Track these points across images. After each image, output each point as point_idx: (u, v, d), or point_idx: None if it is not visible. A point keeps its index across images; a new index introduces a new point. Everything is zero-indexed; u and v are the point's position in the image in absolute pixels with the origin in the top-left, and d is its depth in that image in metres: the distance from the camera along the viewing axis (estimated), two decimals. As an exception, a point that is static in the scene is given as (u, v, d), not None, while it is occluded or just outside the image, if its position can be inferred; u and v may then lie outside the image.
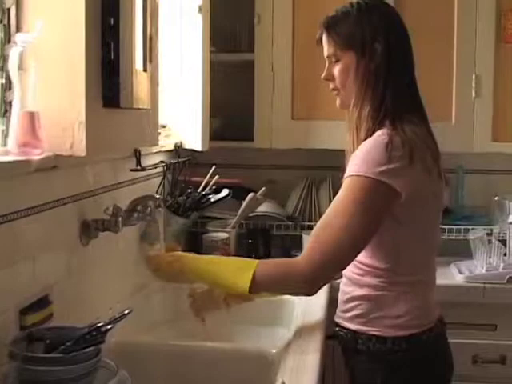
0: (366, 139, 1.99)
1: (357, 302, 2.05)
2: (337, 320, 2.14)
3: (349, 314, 2.07)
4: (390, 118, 1.99)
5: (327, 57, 2.14)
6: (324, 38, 2.14)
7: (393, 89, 2.02)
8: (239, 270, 2.02)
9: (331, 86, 2.15)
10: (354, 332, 2.06)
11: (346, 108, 2.13)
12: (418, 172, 1.94)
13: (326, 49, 2.13)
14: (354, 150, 2.03)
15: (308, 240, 1.98)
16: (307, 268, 1.92)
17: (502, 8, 3.33)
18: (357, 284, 2.05)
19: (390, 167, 1.89)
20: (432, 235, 2.10)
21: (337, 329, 2.14)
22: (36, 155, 1.72)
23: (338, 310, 2.14)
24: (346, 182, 1.95)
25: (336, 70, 2.10)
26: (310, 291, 2.00)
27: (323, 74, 2.16)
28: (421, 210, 2.01)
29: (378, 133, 1.96)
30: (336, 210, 1.94)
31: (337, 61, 2.10)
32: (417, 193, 1.94)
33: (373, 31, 2.04)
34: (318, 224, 1.97)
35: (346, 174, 1.97)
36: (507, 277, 3.11)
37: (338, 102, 2.16)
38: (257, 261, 2.03)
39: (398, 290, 2.01)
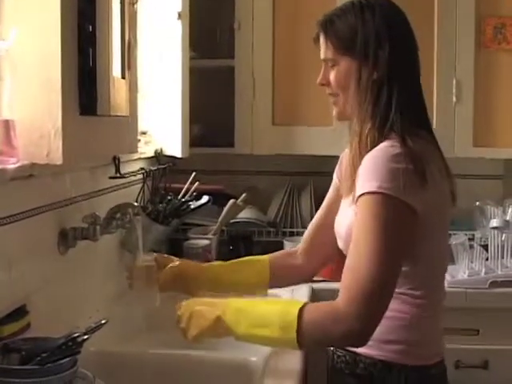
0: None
1: None
2: None
3: None
4: (398, 131, 1.80)
5: (324, 60, 1.94)
6: (321, 39, 1.93)
7: (399, 99, 1.83)
8: (283, 314, 1.73)
9: (328, 91, 1.94)
10: (356, 354, 1.86)
11: (344, 119, 1.96)
12: (429, 189, 1.75)
13: (323, 51, 1.93)
14: (354, 163, 1.86)
15: (342, 279, 1.73)
16: (351, 315, 1.65)
17: (482, 13, 3.35)
18: None
19: (401, 182, 1.70)
20: (444, 255, 1.96)
21: (332, 348, 1.95)
22: (11, 164, 1.71)
23: None
24: (360, 204, 1.74)
25: (333, 75, 1.90)
26: (360, 340, 1.69)
27: (319, 79, 1.95)
28: (433, 230, 1.83)
29: (385, 144, 1.78)
30: (360, 241, 1.71)
31: (334, 65, 1.90)
32: (430, 212, 1.77)
33: (376, 34, 1.84)
34: (348, 260, 1.73)
35: (358, 193, 1.75)
36: (489, 282, 3.11)
37: (334, 112, 1.96)
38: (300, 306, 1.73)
39: (411, 313, 1.83)
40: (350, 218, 1.83)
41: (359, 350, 1.84)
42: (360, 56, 1.85)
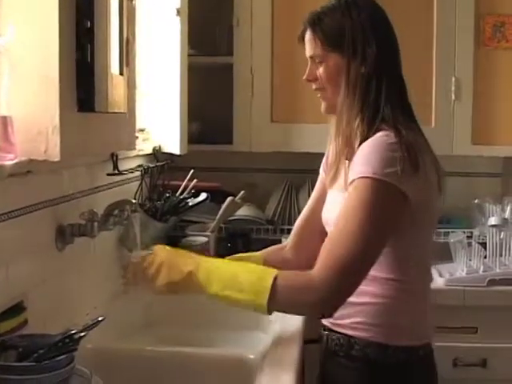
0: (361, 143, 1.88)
1: (355, 309, 1.92)
2: (327, 324, 2.03)
3: (346, 321, 1.94)
4: (390, 122, 1.87)
5: (310, 57, 2.00)
6: (308, 36, 1.99)
7: (387, 93, 1.90)
8: (258, 279, 1.81)
9: (314, 86, 2.01)
10: (351, 337, 1.93)
11: (332, 113, 2.01)
12: (422, 178, 1.83)
13: (310, 48, 1.98)
14: (344, 158, 1.94)
15: (321, 250, 1.79)
16: (322, 285, 1.74)
17: (481, 11, 3.35)
18: (354, 293, 1.88)
19: (397, 169, 1.76)
20: (430, 244, 2.01)
21: (325, 332, 2.03)
22: (9, 160, 1.70)
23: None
24: (353, 186, 1.80)
25: (322, 71, 1.96)
26: (327, 310, 1.81)
27: (305, 75, 2.02)
28: (423, 218, 1.90)
29: (380, 134, 1.84)
30: (346, 218, 1.79)
31: (321, 61, 1.96)
32: (420, 200, 1.84)
33: (363, 30, 1.90)
34: (330, 233, 1.83)
35: (352, 177, 1.82)
36: (487, 279, 3.12)
37: (323, 106, 2.02)
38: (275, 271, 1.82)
39: (400, 298, 1.91)
40: (338, 206, 1.87)
41: (353, 332, 1.93)
42: (348, 52, 1.91)
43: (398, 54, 1.99)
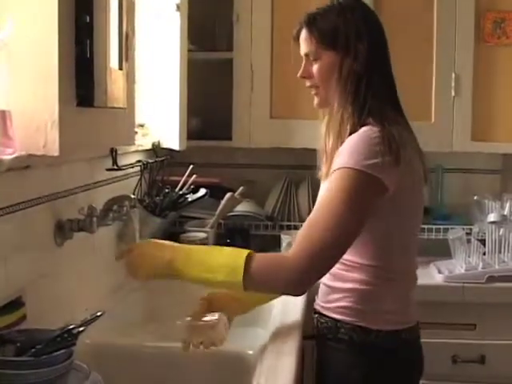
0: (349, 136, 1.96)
1: (342, 295, 2.02)
2: (317, 308, 2.12)
3: (332, 305, 2.04)
4: (377, 117, 1.95)
5: (305, 54, 2.10)
6: (303, 34, 2.09)
7: (376, 88, 2.00)
8: (234, 256, 1.91)
9: (308, 83, 2.11)
10: (337, 321, 2.02)
11: (325, 107, 2.11)
12: (403, 170, 1.90)
13: (305, 46, 2.09)
14: (334, 150, 1.99)
15: (298, 234, 1.90)
16: (294, 265, 1.83)
17: (481, 8, 3.35)
18: (341, 279, 2.01)
19: (377, 161, 1.85)
20: (414, 234, 2.08)
21: (316, 315, 2.11)
22: (8, 155, 1.70)
23: (319, 300, 2.12)
24: (334, 175, 1.89)
25: (316, 68, 2.06)
26: (297, 290, 1.89)
27: (299, 72, 2.12)
28: (406, 209, 1.99)
29: (365, 128, 1.93)
30: (324, 204, 1.87)
31: (316, 59, 2.06)
32: (401, 190, 1.92)
33: (356, 30, 2.01)
34: (308, 218, 1.89)
35: (334, 168, 1.90)
36: (486, 276, 3.12)
37: (316, 101, 2.12)
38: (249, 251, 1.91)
39: (383, 285, 1.99)
40: None
41: (339, 316, 2.03)
42: (342, 50, 2.01)
43: (388, 53, 2.09)
